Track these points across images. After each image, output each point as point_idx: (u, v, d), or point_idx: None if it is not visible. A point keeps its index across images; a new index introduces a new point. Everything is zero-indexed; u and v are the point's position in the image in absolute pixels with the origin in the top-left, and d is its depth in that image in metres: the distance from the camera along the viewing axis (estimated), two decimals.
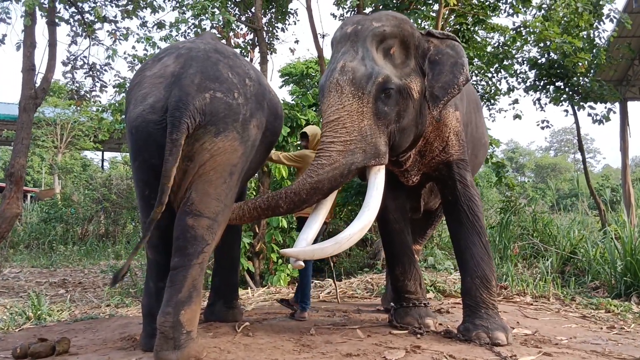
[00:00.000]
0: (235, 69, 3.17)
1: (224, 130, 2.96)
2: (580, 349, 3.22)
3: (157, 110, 2.89)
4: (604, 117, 9.57)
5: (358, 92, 3.04)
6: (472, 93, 4.39)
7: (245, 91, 3.12)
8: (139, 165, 3.04)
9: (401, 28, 3.23)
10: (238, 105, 3.03)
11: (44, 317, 4.55)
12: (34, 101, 6.26)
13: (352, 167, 3.04)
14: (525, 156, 43.83)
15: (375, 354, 2.99)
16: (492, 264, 3.43)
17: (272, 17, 8.78)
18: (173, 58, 3.10)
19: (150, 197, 2.96)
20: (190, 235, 2.89)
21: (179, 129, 2.78)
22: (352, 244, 3.15)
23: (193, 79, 2.94)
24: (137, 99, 3.00)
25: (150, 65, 3.20)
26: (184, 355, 2.74)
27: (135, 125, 2.94)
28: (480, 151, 4.51)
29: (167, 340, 2.74)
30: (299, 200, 3.04)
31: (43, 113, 16.97)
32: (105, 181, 14.02)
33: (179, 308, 2.77)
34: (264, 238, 6.46)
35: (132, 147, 3.06)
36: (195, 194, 2.93)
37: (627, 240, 5.42)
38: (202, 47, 3.18)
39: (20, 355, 2.97)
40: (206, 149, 2.93)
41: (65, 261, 9.98)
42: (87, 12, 7.36)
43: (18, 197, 6.12)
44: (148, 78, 3.06)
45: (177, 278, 2.82)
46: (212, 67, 3.05)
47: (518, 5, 7.89)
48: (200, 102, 2.89)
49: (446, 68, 3.26)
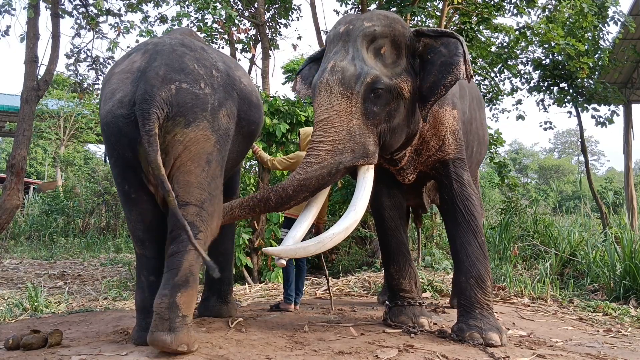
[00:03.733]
0: (202, 61, 3.20)
1: (193, 120, 2.99)
2: (575, 352, 3.19)
3: (125, 105, 2.93)
4: (607, 120, 9.55)
5: (347, 92, 3.05)
6: (475, 89, 4.37)
7: (212, 82, 3.15)
8: (115, 162, 3.09)
9: (392, 27, 3.21)
10: (205, 95, 3.06)
11: (41, 308, 4.55)
12: (36, 93, 6.26)
13: (340, 166, 3.04)
14: (528, 157, 43.71)
15: (368, 352, 2.98)
16: (487, 264, 3.40)
17: (275, 13, 8.77)
18: (140, 54, 3.14)
19: (130, 191, 3.05)
20: (180, 223, 2.88)
21: (150, 120, 2.82)
22: (336, 243, 3.14)
23: (157, 71, 2.97)
24: (107, 96, 3.05)
25: (120, 62, 3.26)
26: (178, 339, 2.75)
27: (106, 122, 3.00)
28: (483, 148, 4.53)
29: (163, 321, 2.76)
30: (286, 196, 3.05)
31: (46, 105, 17.02)
32: (107, 174, 14.03)
33: (176, 290, 2.82)
34: (264, 234, 6.46)
35: (106, 144, 3.12)
36: (177, 186, 2.97)
37: (627, 243, 5.39)
38: (168, 42, 3.22)
39: (12, 347, 2.97)
40: (178, 140, 2.98)
41: (66, 253, 10.01)
42: (90, 4, 7.36)
43: (19, 188, 6.13)
44: (116, 74, 3.11)
45: (174, 263, 2.89)
46: (177, 60, 3.07)
47: (522, 6, 7.85)
48: (167, 94, 2.92)
49: (435, 68, 3.21)
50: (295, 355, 2.88)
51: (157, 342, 2.74)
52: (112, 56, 7.96)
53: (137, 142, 2.91)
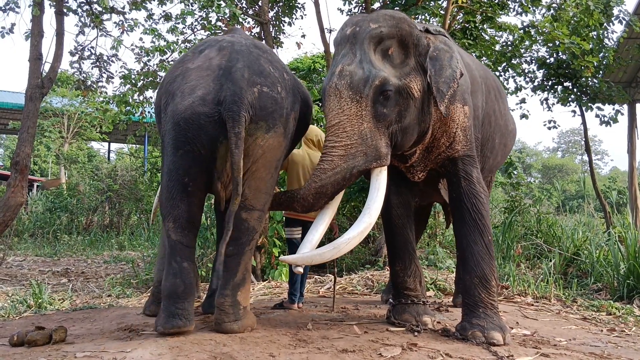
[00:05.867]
0: (274, 63, 3.30)
1: (273, 126, 3.14)
2: (579, 351, 3.19)
3: (208, 103, 3.01)
4: (611, 119, 9.52)
5: (356, 96, 3.07)
6: (493, 80, 4.34)
7: (285, 85, 3.26)
8: (182, 155, 3.10)
9: (399, 28, 3.23)
10: (282, 100, 3.17)
11: (45, 305, 4.57)
12: (41, 90, 6.27)
13: (354, 170, 3.10)
14: (532, 156, 43.57)
15: (371, 350, 2.98)
16: (492, 264, 3.39)
17: (278, 11, 8.75)
18: (215, 51, 3.20)
19: (189, 184, 3.12)
20: (244, 227, 3.21)
21: (240, 123, 2.94)
22: (351, 247, 3.20)
23: (243, 73, 3.05)
24: (184, 91, 3.08)
25: (192, 57, 3.29)
26: (243, 325, 3.22)
27: (184, 117, 3.03)
28: (508, 139, 4.50)
29: (228, 314, 3.18)
30: (308, 205, 3.19)
31: (50, 103, 17.05)
32: (111, 172, 14.07)
33: (236, 290, 3.20)
34: (267, 232, 6.46)
35: (176, 137, 3.10)
36: (248, 190, 3.18)
37: (630, 243, 5.38)
38: (244, 42, 3.30)
39: (17, 343, 2.99)
40: (259, 145, 3.12)
41: (69, 251, 10.03)
42: (95, 2, 7.36)
43: (23, 185, 6.15)
44: (193, 70, 3.13)
45: (232, 264, 3.20)
46: (255, 62, 3.16)
47: (527, 4, 7.82)
48: (251, 96, 3.02)
49: (445, 62, 3.24)
50: (298, 353, 2.88)
51: (225, 330, 3.18)
52: (115, 54, 7.98)
53: (217, 140, 3.03)
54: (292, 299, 4.33)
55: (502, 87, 4.88)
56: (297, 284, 4.37)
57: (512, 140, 4.78)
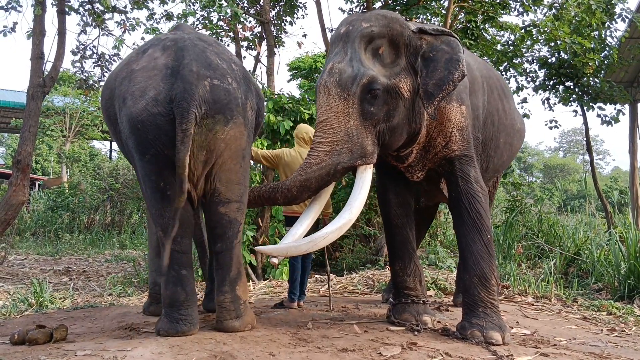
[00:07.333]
0: (221, 55, 3.26)
1: (231, 117, 3.11)
2: (579, 351, 3.19)
3: (161, 103, 2.97)
4: (613, 119, 9.50)
5: (344, 94, 3.09)
6: (497, 80, 4.32)
7: (235, 75, 3.23)
8: (150, 159, 3.06)
9: (390, 27, 3.23)
10: (234, 90, 3.14)
11: (46, 304, 4.59)
12: (42, 89, 6.29)
13: (339, 166, 3.11)
14: (533, 156, 43.48)
15: (371, 349, 2.99)
16: (492, 263, 3.39)
17: (280, 11, 8.76)
18: (159, 50, 3.16)
19: (166, 188, 3.07)
20: (225, 221, 3.24)
21: (188, 119, 2.89)
22: (328, 242, 3.20)
23: (191, 68, 3.01)
24: (134, 94, 3.03)
25: (136, 58, 3.24)
26: (244, 323, 3.26)
27: (141, 120, 2.98)
28: (515, 138, 4.48)
29: (229, 311, 3.22)
30: (291, 196, 3.18)
31: (52, 102, 17.07)
32: (112, 171, 14.08)
33: (234, 285, 3.24)
34: (268, 231, 6.47)
35: (139, 142, 3.05)
36: (220, 184, 3.21)
37: (631, 243, 5.37)
38: (187, 37, 3.25)
39: (17, 342, 3.00)
40: (220, 138, 3.10)
41: (71, 249, 10.05)
42: (96, 1, 7.38)
43: (24, 184, 6.17)
44: (139, 72, 3.09)
45: (225, 260, 3.24)
46: (201, 55, 3.12)
47: (529, 4, 7.81)
48: (202, 91, 2.97)
49: (440, 64, 3.21)
50: (299, 352, 2.89)
51: (227, 328, 3.21)
52: (117, 53, 8.00)
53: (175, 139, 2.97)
54: (292, 298, 4.35)
55: (507, 86, 4.85)
56: (296, 282, 4.38)
57: (520, 140, 4.76)
